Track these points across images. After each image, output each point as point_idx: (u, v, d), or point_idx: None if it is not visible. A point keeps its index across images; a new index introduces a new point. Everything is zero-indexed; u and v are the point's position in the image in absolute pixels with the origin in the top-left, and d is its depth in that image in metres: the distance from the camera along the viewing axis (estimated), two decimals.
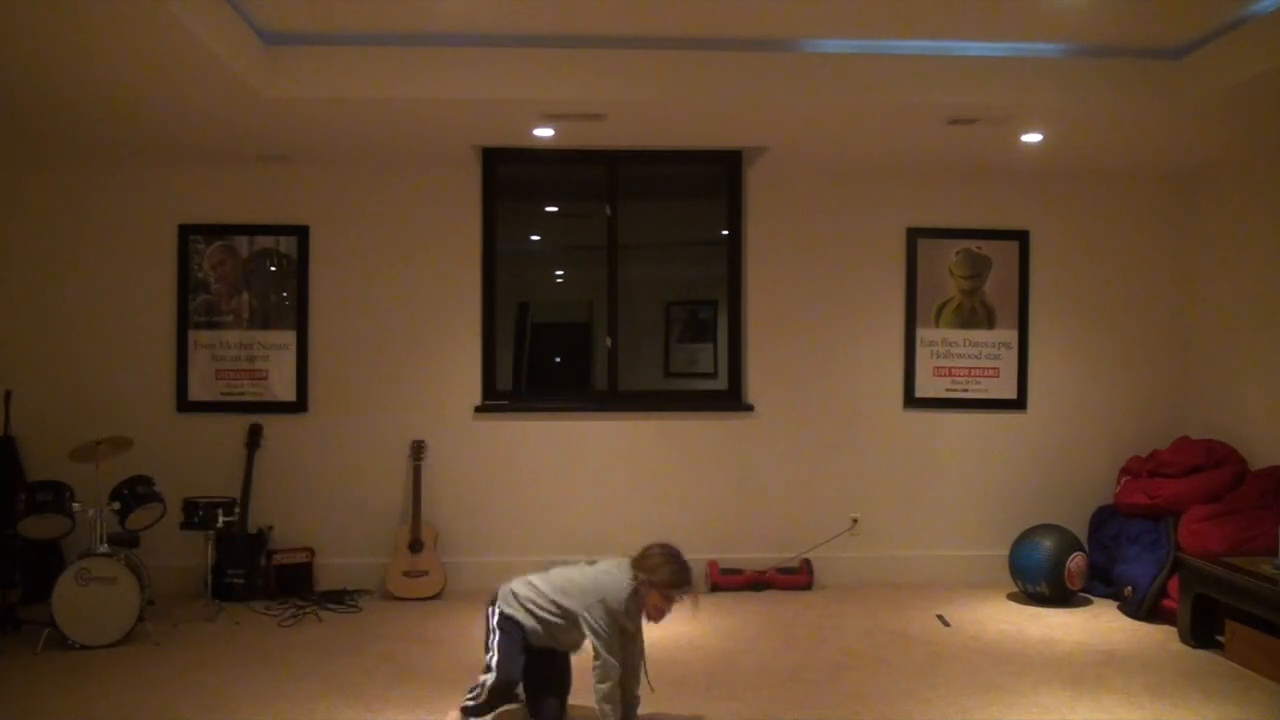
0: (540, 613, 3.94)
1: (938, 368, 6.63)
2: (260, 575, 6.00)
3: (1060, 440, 6.66)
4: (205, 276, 6.35)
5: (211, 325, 6.35)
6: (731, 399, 6.63)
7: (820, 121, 5.51)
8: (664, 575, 3.84)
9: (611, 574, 3.93)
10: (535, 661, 4.00)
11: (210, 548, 5.73)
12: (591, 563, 4.07)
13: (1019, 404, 6.66)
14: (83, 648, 4.93)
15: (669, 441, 6.50)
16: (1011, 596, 6.15)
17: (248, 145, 5.95)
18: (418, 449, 6.26)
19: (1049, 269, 6.67)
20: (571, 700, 4.15)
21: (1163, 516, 5.85)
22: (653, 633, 5.34)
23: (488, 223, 6.49)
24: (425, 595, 6.06)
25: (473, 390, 6.44)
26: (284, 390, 6.36)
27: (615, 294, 6.62)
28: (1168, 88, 5.07)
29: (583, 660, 4.03)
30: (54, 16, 3.89)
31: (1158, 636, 5.34)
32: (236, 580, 5.92)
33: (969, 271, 6.65)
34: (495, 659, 3.88)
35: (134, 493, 5.36)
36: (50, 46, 4.24)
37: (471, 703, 3.91)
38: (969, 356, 6.64)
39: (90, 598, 4.97)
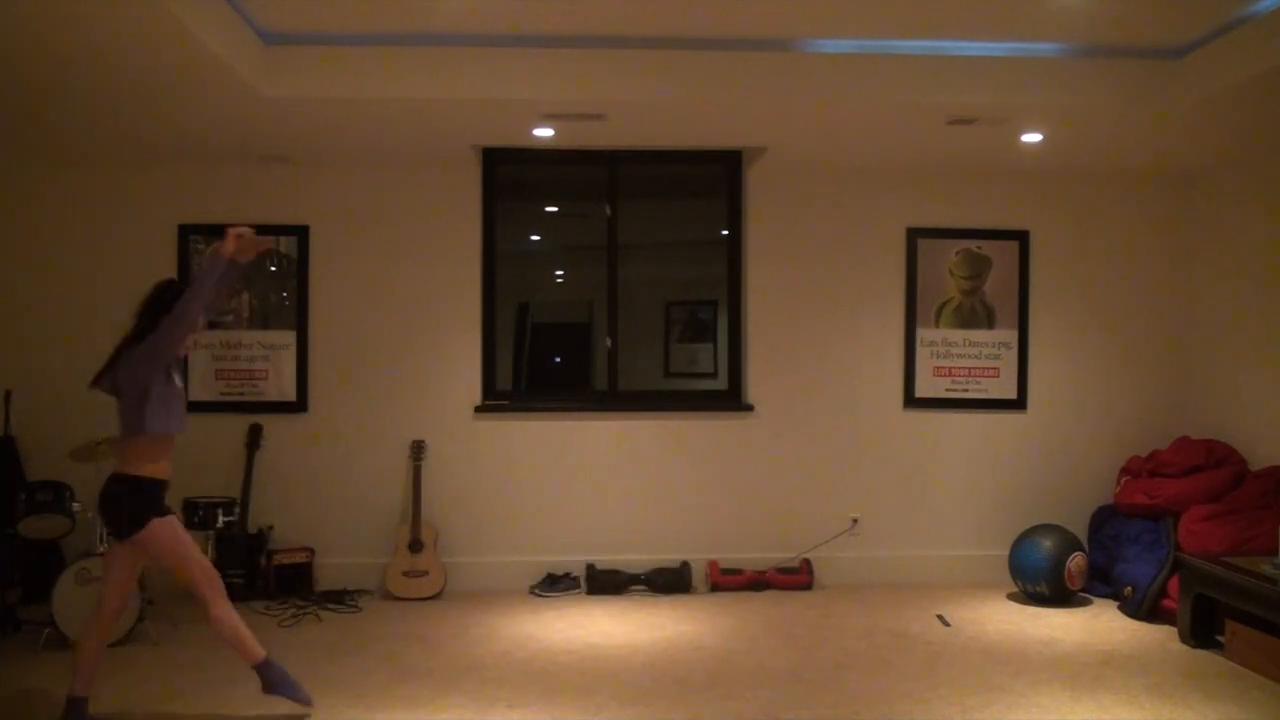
0: None
1: (938, 368, 6.63)
2: (260, 575, 6.00)
3: (1060, 440, 6.66)
4: None
5: (211, 325, 6.34)
6: (731, 399, 6.63)
7: (820, 121, 5.51)
8: None
9: None
10: None
11: (210, 548, 5.73)
12: None
13: (1019, 404, 6.66)
14: None
15: (669, 441, 6.49)
16: (1011, 596, 6.15)
17: (248, 145, 5.95)
18: (418, 449, 6.26)
19: (1049, 269, 6.67)
20: None
21: (1163, 516, 5.85)
22: (652, 633, 5.36)
23: (488, 223, 6.49)
24: (425, 595, 6.06)
25: (473, 390, 6.44)
26: (284, 390, 6.36)
27: (615, 294, 6.62)
28: (1168, 88, 5.07)
29: None
30: (53, 17, 3.89)
31: (1158, 636, 5.34)
32: (236, 580, 5.91)
33: (969, 271, 6.65)
34: None
35: None
36: (50, 47, 4.24)
37: None
38: (969, 356, 6.64)
39: (90, 598, 4.95)
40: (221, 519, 5.65)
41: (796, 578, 6.33)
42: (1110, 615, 5.76)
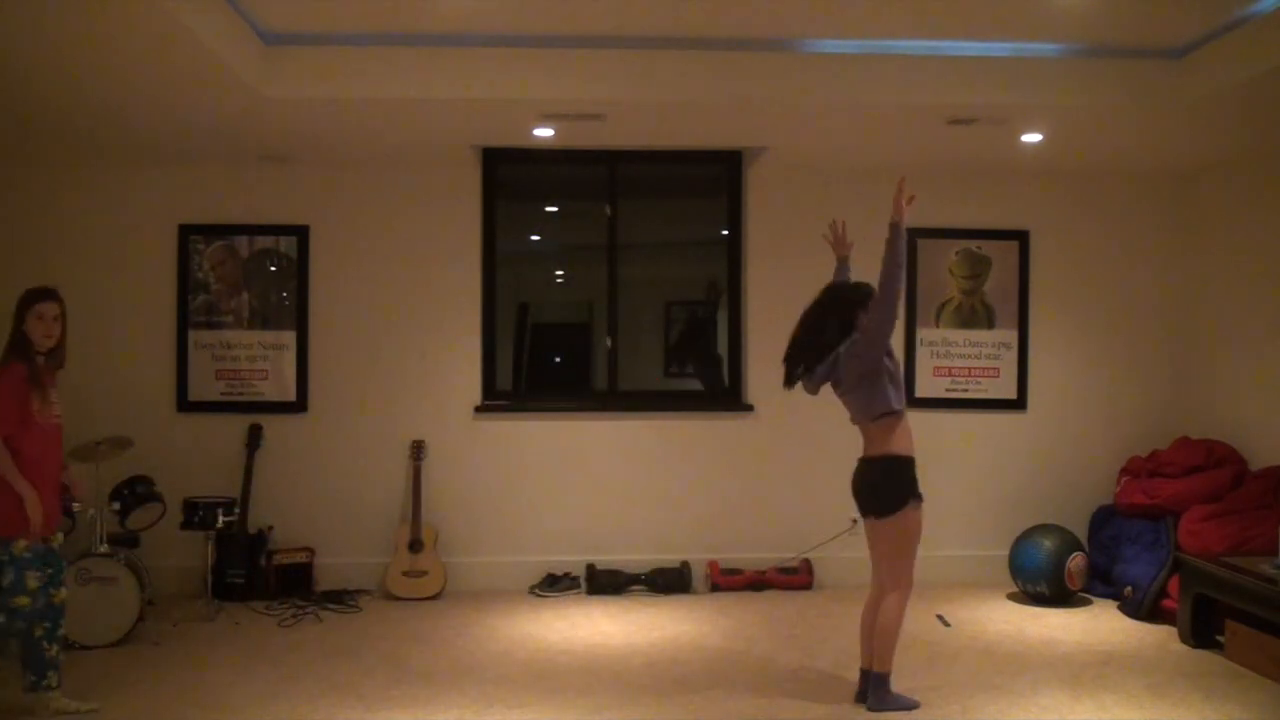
0: None
1: (938, 368, 6.63)
2: (260, 575, 6.00)
3: (1060, 440, 6.65)
4: (205, 276, 6.35)
5: (211, 325, 6.35)
6: (731, 399, 6.63)
7: (820, 121, 5.51)
8: None
9: None
10: None
11: (210, 548, 5.73)
12: None
13: (1019, 404, 6.65)
14: (83, 648, 4.93)
15: (669, 441, 6.49)
16: (1011, 596, 6.14)
17: (248, 145, 5.95)
18: (418, 449, 6.26)
19: (1049, 269, 6.67)
20: None
21: (1163, 516, 5.85)
22: (652, 633, 5.36)
23: (488, 223, 6.49)
24: (425, 595, 6.05)
25: (473, 390, 6.44)
26: (284, 390, 6.36)
27: (615, 294, 6.62)
28: (1168, 88, 5.06)
29: None
30: (53, 17, 3.90)
31: (1158, 636, 5.34)
32: (236, 580, 5.92)
33: (969, 271, 6.65)
34: None
35: (134, 493, 5.36)
36: (50, 47, 4.24)
37: None
38: (969, 356, 6.63)
39: (90, 598, 4.97)
40: (221, 519, 5.64)
41: (796, 578, 6.33)
42: (1110, 615, 5.76)
